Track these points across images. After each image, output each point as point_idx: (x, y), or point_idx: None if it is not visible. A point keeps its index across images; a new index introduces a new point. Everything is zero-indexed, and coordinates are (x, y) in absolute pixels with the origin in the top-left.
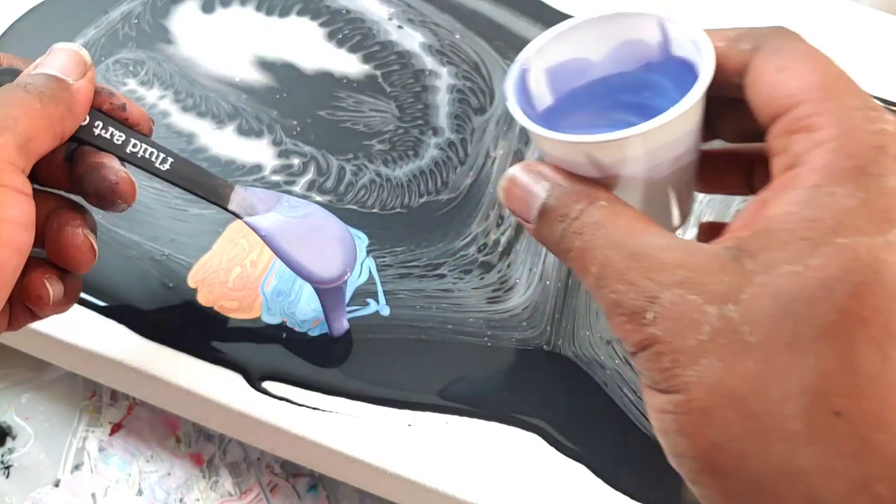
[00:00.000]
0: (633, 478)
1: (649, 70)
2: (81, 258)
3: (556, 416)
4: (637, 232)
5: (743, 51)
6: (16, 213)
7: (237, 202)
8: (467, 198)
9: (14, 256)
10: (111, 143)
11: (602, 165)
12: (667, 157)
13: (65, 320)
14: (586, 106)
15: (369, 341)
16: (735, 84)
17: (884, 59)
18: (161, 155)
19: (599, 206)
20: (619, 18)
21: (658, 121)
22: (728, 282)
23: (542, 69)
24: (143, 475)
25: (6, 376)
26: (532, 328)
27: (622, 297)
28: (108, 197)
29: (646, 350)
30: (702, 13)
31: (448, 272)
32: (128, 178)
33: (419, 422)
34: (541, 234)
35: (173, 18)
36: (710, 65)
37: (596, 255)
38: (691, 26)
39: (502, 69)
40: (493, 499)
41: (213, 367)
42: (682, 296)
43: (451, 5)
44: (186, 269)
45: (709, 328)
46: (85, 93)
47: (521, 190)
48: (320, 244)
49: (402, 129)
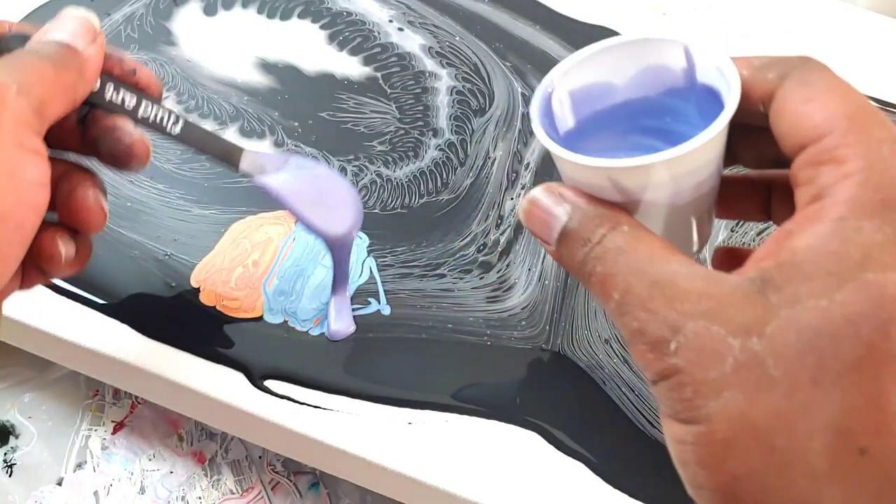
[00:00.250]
0: (632, 476)
1: (672, 95)
2: (93, 219)
3: (555, 415)
4: (659, 259)
5: (769, 80)
6: (33, 173)
7: (247, 163)
8: (467, 198)
9: (31, 215)
10: (122, 107)
11: (625, 190)
12: (690, 184)
13: (67, 319)
14: (608, 129)
15: (370, 340)
16: (759, 112)
17: (879, 60)
18: (172, 117)
19: (622, 232)
20: (645, 44)
21: (683, 148)
22: (752, 314)
23: (565, 91)
24: (145, 473)
25: (9, 375)
26: (531, 327)
27: (644, 326)
28: (123, 158)
29: (667, 380)
30: (701, 14)
31: (448, 272)
32: (142, 139)
33: (419, 420)
34: (561, 256)
35: (175, 21)
36: (736, 94)
37: (618, 281)
38: (717, 53)
39: (502, 71)
40: (492, 496)
41: (215, 366)
42: (706, 327)
43: (451, 7)
44: (189, 268)
45: (732, 360)
46: (95, 59)
47: (542, 212)
48: (330, 201)
49: (402, 131)
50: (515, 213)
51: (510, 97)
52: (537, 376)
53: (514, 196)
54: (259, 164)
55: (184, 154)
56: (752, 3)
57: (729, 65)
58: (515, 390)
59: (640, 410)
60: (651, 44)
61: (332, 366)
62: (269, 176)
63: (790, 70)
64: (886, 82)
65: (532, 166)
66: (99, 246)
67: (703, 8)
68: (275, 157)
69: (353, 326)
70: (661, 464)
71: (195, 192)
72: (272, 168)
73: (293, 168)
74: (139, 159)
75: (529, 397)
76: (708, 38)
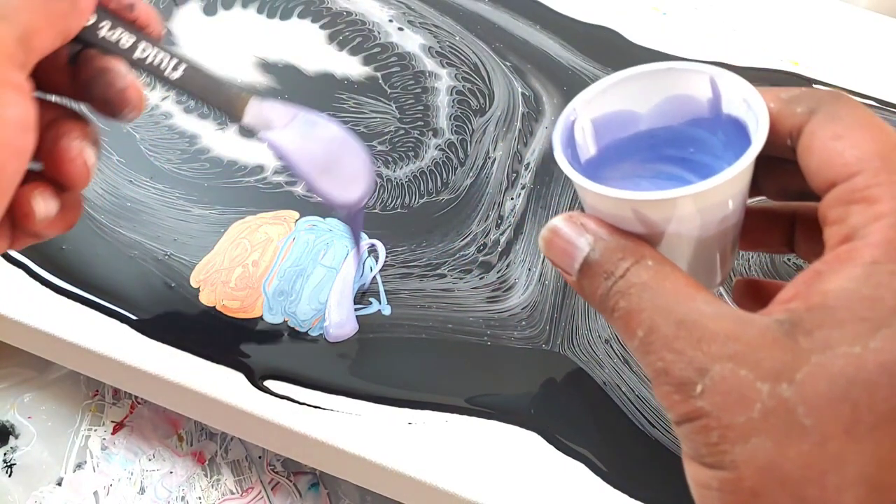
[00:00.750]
0: (632, 476)
1: (696, 125)
2: (75, 173)
3: (555, 415)
4: (685, 297)
5: (797, 114)
6: (15, 111)
7: (252, 115)
8: (467, 198)
9: (12, 160)
10: (118, 47)
11: (649, 222)
12: (715, 217)
13: (67, 319)
14: (630, 157)
15: (370, 340)
16: (786, 146)
17: (879, 60)
18: (172, 61)
19: (646, 266)
20: (670, 73)
21: (710, 182)
22: (781, 358)
23: (588, 119)
24: (145, 473)
25: (9, 375)
26: (531, 327)
27: (670, 367)
28: (116, 104)
29: (692, 422)
30: (701, 14)
31: (448, 272)
32: (135, 84)
33: (419, 420)
34: (582, 287)
35: (175, 20)
36: (765, 128)
37: (643, 318)
38: (744, 85)
39: (502, 71)
40: (492, 496)
41: (215, 366)
42: (733, 370)
43: (451, 7)
44: (189, 268)
45: (760, 406)
46: None
47: (564, 242)
48: (340, 164)
49: (402, 131)
50: (513, 218)
51: (510, 97)
52: (537, 376)
53: (514, 196)
54: (265, 118)
55: (184, 154)
56: (752, 3)
57: (757, 98)
58: (515, 390)
59: (640, 410)
60: (676, 73)
61: (332, 366)
62: (275, 132)
63: (819, 104)
64: (886, 82)
65: (532, 166)
66: (99, 246)
67: (703, 8)
68: (283, 111)
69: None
70: (660, 464)
71: (195, 192)
72: (280, 123)
73: (303, 124)
74: (132, 106)
75: (529, 397)
76: (708, 38)
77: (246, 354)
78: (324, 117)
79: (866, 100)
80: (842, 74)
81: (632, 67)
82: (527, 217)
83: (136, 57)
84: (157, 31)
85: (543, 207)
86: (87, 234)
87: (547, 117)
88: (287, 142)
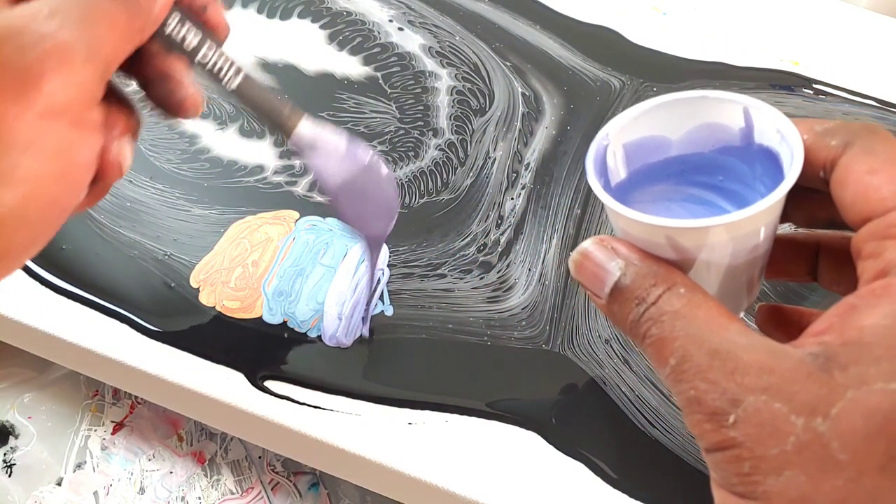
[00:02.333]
0: (632, 475)
1: (726, 153)
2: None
3: (555, 415)
4: (718, 327)
5: (831, 146)
6: (86, 153)
7: (300, 135)
8: (467, 198)
9: (75, 197)
10: (182, 46)
11: (681, 248)
12: (746, 246)
13: (67, 319)
14: (659, 182)
15: (370, 340)
16: (818, 177)
17: (879, 60)
18: (232, 69)
19: (678, 294)
20: (703, 101)
21: (745, 212)
22: (816, 392)
23: (620, 144)
24: (145, 473)
25: (9, 375)
26: (531, 327)
27: (703, 396)
28: (171, 110)
29: (723, 451)
30: (701, 14)
31: (448, 272)
32: (196, 96)
33: (419, 420)
34: (612, 312)
35: None
36: (799, 161)
37: (675, 346)
38: (779, 116)
39: (502, 71)
40: (492, 496)
41: (215, 366)
42: (767, 402)
43: (452, 7)
44: (189, 268)
45: (794, 439)
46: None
47: (594, 265)
48: (372, 198)
49: (402, 131)
50: (513, 218)
51: (510, 97)
52: (537, 376)
53: (514, 196)
54: (313, 140)
55: (184, 154)
56: (752, 3)
57: (792, 130)
58: (515, 390)
59: (640, 410)
60: (709, 102)
61: (332, 366)
62: (319, 157)
63: (854, 137)
64: (886, 82)
65: (532, 166)
66: (99, 246)
67: (703, 8)
68: (330, 135)
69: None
70: (660, 464)
71: (195, 192)
72: (324, 146)
73: (346, 152)
74: (189, 113)
75: (529, 397)
76: (708, 38)
77: (246, 354)
78: (366, 147)
79: (866, 100)
80: (842, 74)
81: (665, 94)
82: (527, 217)
83: (197, 59)
84: (223, 34)
85: (543, 207)
86: (87, 234)
87: (547, 117)
88: (328, 167)
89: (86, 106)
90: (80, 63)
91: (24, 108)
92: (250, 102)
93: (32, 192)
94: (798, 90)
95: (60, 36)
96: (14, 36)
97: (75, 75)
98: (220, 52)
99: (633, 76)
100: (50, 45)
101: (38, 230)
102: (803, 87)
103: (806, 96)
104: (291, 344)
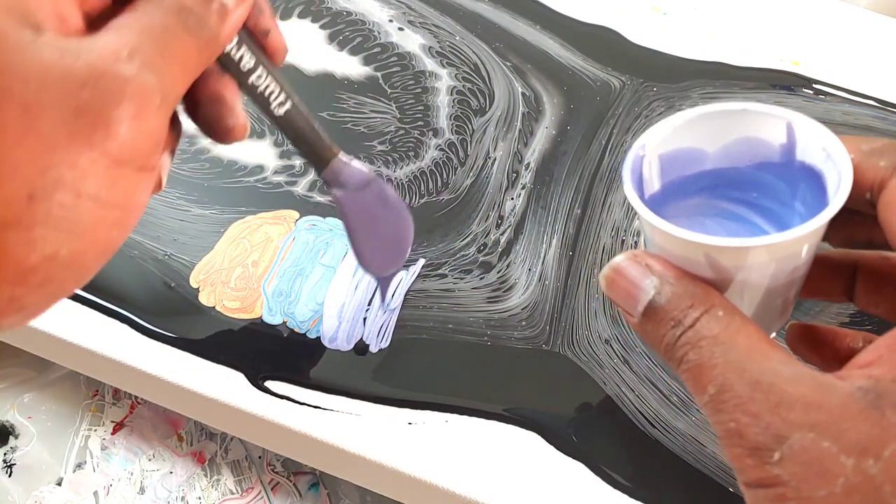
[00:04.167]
0: (631, 476)
1: (763, 169)
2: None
3: (555, 415)
4: (760, 355)
5: (880, 168)
6: (146, 196)
7: (334, 170)
8: (467, 198)
9: (126, 235)
10: (235, 66)
11: (719, 267)
12: (787, 268)
13: (67, 319)
14: (693, 195)
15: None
16: (863, 199)
17: (879, 60)
18: (281, 96)
19: (717, 318)
20: (745, 114)
21: (789, 234)
22: (868, 432)
23: (655, 155)
24: (145, 473)
25: (9, 375)
26: (531, 328)
27: (744, 430)
28: (217, 136)
29: (766, 489)
30: (701, 14)
31: (448, 272)
32: (246, 123)
33: (419, 420)
34: (645, 331)
35: None
36: (848, 182)
37: (714, 374)
38: (825, 134)
39: (502, 71)
40: (492, 496)
41: (215, 366)
42: (815, 440)
43: (452, 7)
44: (189, 268)
45: (844, 481)
46: (238, 21)
47: (627, 282)
48: (390, 239)
49: (402, 131)
50: (513, 218)
51: (510, 97)
52: (537, 376)
53: (515, 196)
54: (343, 176)
55: (184, 154)
56: (752, 3)
57: (840, 149)
58: (515, 390)
59: (640, 410)
60: (751, 115)
61: (332, 366)
62: (347, 193)
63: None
64: (886, 82)
65: (532, 166)
66: None
67: (703, 8)
68: (361, 174)
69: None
70: (660, 464)
71: (195, 192)
72: (353, 185)
73: (373, 193)
74: (233, 140)
75: (529, 397)
76: (708, 38)
77: (246, 354)
78: (392, 191)
79: (866, 100)
80: (842, 74)
81: (706, 105)
82: (527, 217)
83: (249, 82)
84: (280, 59)
85: (543, 207)
86: None
87: (547, 117)
88: (353, 205)
89: (153, 151)
90: (155, 109)
91: (100, 155)
92: (292, 131)
93: (94, 239)
94: (798, 90)
95: (139, 80)
96: (96, 80)
97: (150, 122)
98: (273, 78)
99: (633, 76)
100: (129, 91)
101: (90, 273)
102: (803, 87)
103: (806, 96)
104: (291, 344)
